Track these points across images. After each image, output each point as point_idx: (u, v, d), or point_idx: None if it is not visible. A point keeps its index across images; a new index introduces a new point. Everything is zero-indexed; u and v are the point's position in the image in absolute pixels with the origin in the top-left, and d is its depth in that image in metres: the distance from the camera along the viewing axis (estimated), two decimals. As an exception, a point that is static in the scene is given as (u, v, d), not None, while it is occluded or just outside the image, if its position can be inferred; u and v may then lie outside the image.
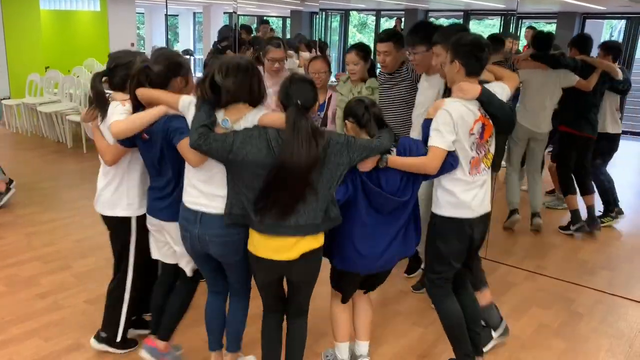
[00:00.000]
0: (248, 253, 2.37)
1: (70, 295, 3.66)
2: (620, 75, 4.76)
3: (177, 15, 17.38)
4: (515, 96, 4.57)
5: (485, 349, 3.05)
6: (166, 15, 16.46)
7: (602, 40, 7.33)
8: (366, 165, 2.35)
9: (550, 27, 12.41)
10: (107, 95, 2.63)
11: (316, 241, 2.31)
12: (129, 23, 10.58)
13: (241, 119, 2.28)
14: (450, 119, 2.49)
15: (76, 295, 3.66)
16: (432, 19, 13.87)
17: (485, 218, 2.73)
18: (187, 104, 2.36)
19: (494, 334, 3.18)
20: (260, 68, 3.50)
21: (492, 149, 2.71)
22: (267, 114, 2.31)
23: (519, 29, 11.82)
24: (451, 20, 14.56)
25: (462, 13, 12.86)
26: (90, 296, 3.64)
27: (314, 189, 2.21)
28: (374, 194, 2.39)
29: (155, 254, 2.77)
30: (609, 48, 4.94)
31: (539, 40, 4.84)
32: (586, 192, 5.03)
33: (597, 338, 3.41)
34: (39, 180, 6.14)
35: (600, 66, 4.71)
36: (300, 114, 2.18)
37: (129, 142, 2.52)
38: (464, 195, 2.60)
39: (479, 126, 2.57)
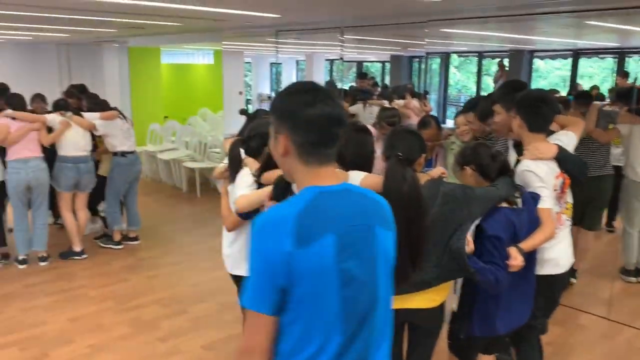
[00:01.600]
0: None
1: (188, 340, 3.85)
2: None
3: (280, 64, 18.22)
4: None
5: None
6: (271, 64, 17.33)
7: None
8: (515, 266, 2.29)
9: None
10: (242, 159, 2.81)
11: (438, 296, 2.30)
12: (237, 73, 11.26)
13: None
14: (538, 178, 2.50)
15: (193, 340, 3.84)
16: (537, 60, 13.47)
17: (570, 270, 2.76)
18: None
19: None
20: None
21: (570, 199, 2.73)
22: (368, 176, 2.23)
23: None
24: (557, 60, 14.05)
25: (570, 52, 12.38)
26: (207, 342, 3.81)
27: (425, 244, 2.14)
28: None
29: None
30: None
31: (620, 95, 4.99)
32: None
33: None
34: (158, 224, 6.58)
35: None
36: (399, 165, 2.10)
37: (246, 215, 2.66)
38: (550, 253, 2.59)
39: (559, 182, 2.58)
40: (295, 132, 1.34)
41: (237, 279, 2.97)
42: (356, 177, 2.25)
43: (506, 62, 12.71)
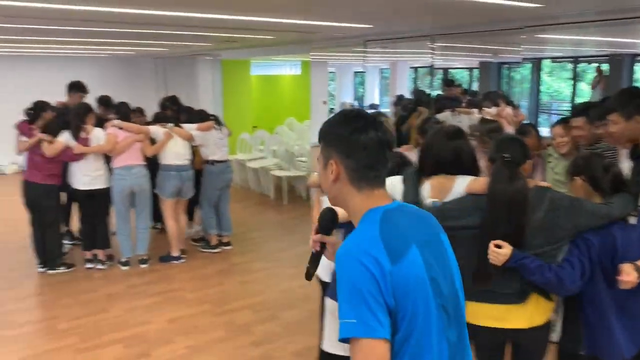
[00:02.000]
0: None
1: (280, 346, 3.92)
2: None
3: (364, 72, 18.27)
4: None
5: None
6: (355, 72, 17.41)
7: None
8: (628, 282, 2.13)
9: None
10: None
11: (539, 315, 2.22)
12: (322, 83, 11.45)
13: (449, 191, 2.28)
14: None
15: (285, 346, 3.92)
16: (638, 65, 12.63)
17: None
18: (390, 186, 2.44)
19: None
20: None
21: None
22: (475, 179, 2.27)
23: None
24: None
25: (678, 56, 11.49)
26: (298, 348, 3.87)
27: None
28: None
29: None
30: None
31: None
32: None
33: None
34: (247, 231, 6.78)
35: None
36: (505, 167, 2.14)
37: (339, 225, 2.64)
38: None
39: None
40: (349, 157, 1.38)
41: (325, 285, 3.00)
42: (463, 181, 2.28)
43: (604, 67, 12.03)
